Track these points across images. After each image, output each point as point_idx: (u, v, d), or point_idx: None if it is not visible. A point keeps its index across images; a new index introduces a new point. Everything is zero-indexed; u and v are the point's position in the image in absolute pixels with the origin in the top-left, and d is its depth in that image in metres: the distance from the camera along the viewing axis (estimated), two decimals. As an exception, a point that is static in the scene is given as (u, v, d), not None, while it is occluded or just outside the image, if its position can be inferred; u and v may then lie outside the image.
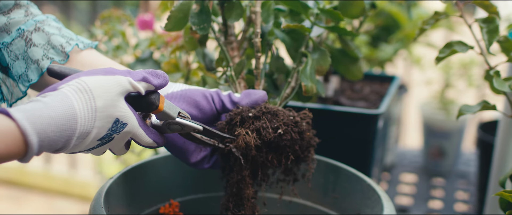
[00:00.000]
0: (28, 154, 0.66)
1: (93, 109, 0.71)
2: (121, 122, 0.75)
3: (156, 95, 0.79)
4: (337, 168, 0.96)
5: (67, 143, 0.70)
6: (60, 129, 0.68)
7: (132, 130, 0.77)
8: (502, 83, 0.94)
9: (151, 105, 0.79)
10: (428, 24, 1.02)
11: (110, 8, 1.38)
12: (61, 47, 0.89)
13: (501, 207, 0.86)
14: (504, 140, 1.17)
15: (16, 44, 0.89)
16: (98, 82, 0.73)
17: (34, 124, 0.66)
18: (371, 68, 1.74)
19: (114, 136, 0.76)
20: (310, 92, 0.94)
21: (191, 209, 1.00)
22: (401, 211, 1.54)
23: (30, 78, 0.88)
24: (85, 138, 0.72)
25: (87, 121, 0.71)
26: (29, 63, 0.88)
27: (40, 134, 0.66)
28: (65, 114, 0.68)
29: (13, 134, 0.65)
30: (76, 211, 2.83)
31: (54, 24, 0.92)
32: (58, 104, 0.68)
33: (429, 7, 1.86)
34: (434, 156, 1.78)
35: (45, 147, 0.68)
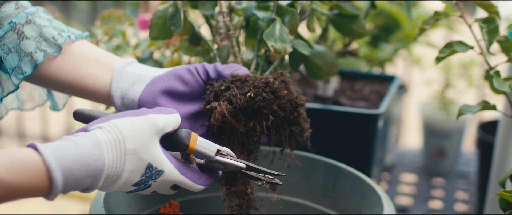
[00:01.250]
0: (53, 190, 0.65)
1: (122, 151, 0.69)
2: (155, 169, 0.72)
3: (187, 133, 0.75)
4: (337, 168, 0.96)
5: (94, 184, 0.68)
6: (86, 168, 0.66)
7: (172, 178, 0.74)
8: (502, 83, 0.94)
9: (180, 144, 0.75)
10: (428, 24, 1.02)
11: (110, 8, 1.38)
12: (53, 39, 0.89)
13: (501, 207, 0.86)
14: (504, 140, 1.17)
15: (8, 37, 0.89)
16: (129, 124, 0.71)
17: (59, 160, 0.65)
18: (371, 68, 1.74)
19: (150, 183, 0.73)
20: (282, 53, 0.90)
21: (191, 209, 1.00)
22: (401, 211, 1.54)
23: (24, 71, 0.88)
24: (116, 181, 0.70)
25: (115, 163, 0.69)
26: (22, 56, 0.88)
27: (65, 171, 0.65)
28: (92, 154, 0.67)
29: (38, 167, 0.64)
30: (76, 211, 2.83)
31: (45, 16, 0.92)
32: (86, 144, 0.67)
33: (429, 7, 1.86)
34: (434, 156, 1.78)
35: (71, 185, 0.66)
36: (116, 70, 0.89)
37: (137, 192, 0.74)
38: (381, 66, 1.75)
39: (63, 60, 0.90)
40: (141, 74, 0.88)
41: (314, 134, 1.17)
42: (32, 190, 0.64)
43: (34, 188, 0.64)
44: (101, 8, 3.29)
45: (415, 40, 1.22)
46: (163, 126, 0.73)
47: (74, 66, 0.90)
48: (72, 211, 2.83)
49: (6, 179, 0.62)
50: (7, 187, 0.62)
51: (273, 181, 0.78)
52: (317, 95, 1.32)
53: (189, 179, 0.76)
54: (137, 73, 0.89)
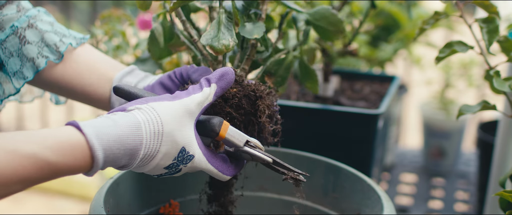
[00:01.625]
0: (93, 168, 0.68)
1: (160, 133, 0.72)
2: (187, 153, 0.75)
3: (219, 121, 0.77)
4: (337, 168, 0.96)
5: (130, 162, 0.71)
6: (125, 147, 0.69)
7: (200, 166, 0.77)
8: (502, 83, 0.94)
9: (211, 132, 0.77)
10: (428, 24, 1.02)
11: (110, 8, 1.38)
12: (55, 46, 0.90)
13: (501, 207, 0.86)
14: (504, 140, 1.17)
15: (10, 41, 0.89)
16: (165, 107, 0.73)
17: (102, 140, 0.67)
18: (371, 68, 1.74)
19: (181, 167, 0.76)
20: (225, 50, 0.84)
21: (191, 209, 1.00)
22: (401, 211, 1.54)
23: (26, 76, 0.89)
24: (150, 162, 0.73)
25: (152, 144, 0.71)
26: (24, 60, 0.89)
27: (105, 150, 0.68)
28: (131, 134, 0.70)
29: (82, 147, 0.67)
30: (76, 211, 2.83)
31: (46, 19, 0.92)
32: (125, 124, 0.70)
33: (429, 7, 1.86)
34: (434, 156, 1.78)
35: (109, 162, 0.69)
36: (114, 82, 0.92)
37: (166, 175, 0.77)
38: (381, 66, 1.75)
39: (64, 68, 0.92)
40: (137, 86, 0.91)
41: (314, 134, 1.18)
42: (76, 168, 0.67)
43: (78, 167, 0.67)
44: (101, 8, 3.29)
45: (415, 40, 1.22)
46: (197, 108, 0.75)
47: (75, 75, 0.92)
48: (72, 211, 2.84)
49: (54, 160, 0.65)
50: (55, 168, 0.65)
51: (298, 177, 0.80)
52: (317, 95, 1.32)
53: (216, 168, 0.78)
54: (134, 83, 0.91)
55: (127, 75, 0.92)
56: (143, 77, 0.93)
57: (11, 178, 0.62)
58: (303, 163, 0.99)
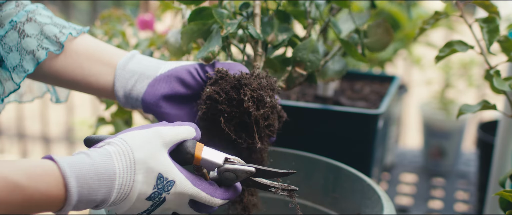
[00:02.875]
0: (67, 200, 0.65)
1: (132, 161, 0.70)
2: (166, 179, 0.72)
3: (192, 143, 0.75)
4: (337, 168, 0.96)
5: (107, 195, 0.68)
6: (99, 177, 0.67)
7: (185, 190, 0.73)
8: (502, 82, 0.94)
9: (186, 154, 0.74)
10: (428, 23, 1.02)
11: (110, 8, 1.38)
12: (55, 37, 0.89)
13: (501, 207, 0.86)
14: (504, 140, 1.17)
15: (9, 36, 0.89)
16: (136, 135, 0.72)
17: (74, 168, 0.65)
18: (371, 68, 1.74)
19: (164, 195, 0.72)
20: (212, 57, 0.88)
21: (191, 209, 1.00)
22: (401, 211, 1.54)
23: (26, 69, 0.88)
24: (129, 194, 0.70)
25: (125, 172, 0.69)
26: (23, 54, 0.88)
27: (79, 178, 0.65)
28: (104, 164, 0.68)
29: (54, 174, 0.64)
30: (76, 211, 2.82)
31: (45, 13, 0.92)
32: (97, 155, 0.68)
33: (429, 6, 1.86)
34: (434, 156, 1.78)
35: (84, 195, 0.66)
36: (118, 69, 0.90)
37: (153, 210, 0.73)
38: (381, 66, 1.75)
39: (65, 59, 0.91)
40: (143, 73, 0.89)
41: (314, 134, 1.18)
42: (48, 198, 0.64)
43: (50, 196, 0.64)
44: (101, 8, 3.29)
45: (415, 40, 1.21)
46: (171, 137, 0.74)
47: (76, 65, 0.91)
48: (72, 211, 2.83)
49: (24, 184, 0.62)
50: (25, 193, 0.62)
51: (289, 187, 0.78)
52: (317, 95, 1.32)
53: (203, 190, 0.75)
54: (138, 71, 0.89)
55: (129, 62, 0.91)
56: (146, 64, 0.90)
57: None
58: (303, 163, 0.99)
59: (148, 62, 0.91)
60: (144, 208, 0.73)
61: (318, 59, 0.97)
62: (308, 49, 0.97)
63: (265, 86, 0.83)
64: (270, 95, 0.83)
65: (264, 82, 0.83)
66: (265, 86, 0.83)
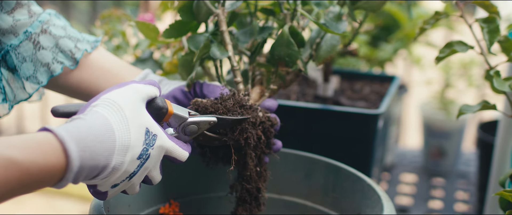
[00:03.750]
0: (68, 167, 0.61)
1: (125, 119, 0.69)
2: (152, 133, 0.72)
3: (161, 99, 0.77)
4: (337, 168, 0.96)
5: (109, 158, 0.66)
6: (100, 139, 0.65)
7: (164, 144, 0.74)
8: (502, 83, 0.94)
9: (160, 109, 0.76)
10: (428, 23, 1.02)
11: (110, 8, 1.38)
12: (70, 52, 0.92)
13: (501, 207, 0.86)
14: (504, 140, 1.17)
15: (24, 46, 0.91)
16: (119, 94, 0.71)
17: (72, 133, 0.63)
18: (371, 68, 1.74)
19: (149, 151, 0.72)
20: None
21: (191, 209, 1.00)
22: (401, 211, 1.54)
23: (40, 81, 0.91)
24: (126, 154, 0.68)
25: (123, 131, 0.68)
26: (38, 65, 0.91)
27: (79, 143, 0.62)
28: (102, 125, 0.66)
29: (51, 143, 0.61)
30: (76, 211, 2.83)
31: (58, 23, 0.94)
32: (92, 118, 0.66)
33: (429, 6, 1.86)
34: (434, 156, 1.78)
35: (86, 159, 0.63)
36: None
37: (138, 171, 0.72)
38: (381, 66, 1.75)
39: (80, 74, 0.94)
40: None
41: (314, 134, 1.18)
42: (47, 169, 0.60)
43: (49, 166, 0.60)
44: (101, 8, 3.29)
45: (415, 40, 1.21)
46: (146, 93, 0.74)
47: (91, 81, 0.94)
48: (72, 211, 2.83)
49: (19, 158, 0.58)
50: (21, 168, 0.58)
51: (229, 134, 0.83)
52: (317, 95, 1.32)
53: (177, 144, 0.76)
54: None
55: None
56: (158, 82, 0.94)
57: None
58: (303, 163, 0.99)
59: (158, 82, 0.94)
60: (132, 170, 0.71)
61: (295, 51, 0.91)
62: (282, 45, 0.91)
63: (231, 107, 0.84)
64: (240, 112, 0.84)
65: (230, 103, 0.84)
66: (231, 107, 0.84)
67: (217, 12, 0.91)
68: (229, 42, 0.91)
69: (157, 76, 0.97)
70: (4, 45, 0.90)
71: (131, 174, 0.71)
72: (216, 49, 0.90)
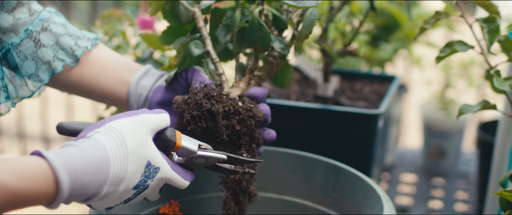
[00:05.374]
0: (58, 196, 0.63)
1: (125, 151, 0.69)
2: (153, 166, 0.73)
3: (171, 131, 0.77)
4: (337, 168, 0.96)
5: (99, 188, 0.67)
6: (93, 171, 0.66)
7: (166, 175, 0.74)
8: (502, 82, 0.94)
9: (169, 142, 0.76)
10: (428, 23, 1.02)
11: (110, 8, 1.38)
12: (71, 50, 0.92)
13: (501, 207, 0.86)
14: (504, 140, 1.16)
15: (24, 45, 0.91)
16: (125, 124, 0.71)
17: (66, 164, 0.63)
18: (371, 68, 1.74)
19: (148, 182, 0.73)
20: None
21: (191, 209, 1.00)
22: (401, 211, 1.54)
23: (42, 79, 0.91)
24: (119, 185, 0.69)
25: (119, 164, 0.68)
26: (39, 63, 0.91)
27: (71, 175, 0.63)
28: (98, 157, 0.66)
29: (44, 171, 0.62)
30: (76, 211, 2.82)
31: (59, 21, 0.94)
32: (90, 147, 0.67)
33: (429, 6, 1.86)
34: (434, 156, 1.78)
35: (77, 190, 0.65)
36: (131, 85, 0.94)
37: (133, 198, 0.73)
38: (381, 66, 1.75)
39: (81, 71, 0.94)
40: (151, 89, 0.94)
41: (314, 134, 1.18)
42: (37, 195, 0.62)
43: (40, 193, 0.62)
44: (101, 8, 3.29)
45: (415, 40, 1.21)
46: (156, 124, 0.75)
47: (92, 78, 0.94)
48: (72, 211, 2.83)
49: (11, 184, 0.60)
50: (12, 193, 0.60)
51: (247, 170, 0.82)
52: (317, 95, 1.32)
53: (179, 174, 0.77)
54: (148, 86, 0.94)
55: (143, 77, 0.94)
56: (159, 77, 0.95)
57: None
58: (303, 163, 0.99)
59: (159, 77, 0.95)
60: (126, 198, 0.72)
61: (267, 33, 0.90)
62: (254, 29, 0.91)
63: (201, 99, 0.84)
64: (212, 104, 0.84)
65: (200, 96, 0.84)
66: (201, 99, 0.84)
67: (193, 10, 0.92)
68: (207, 36, 0.92)
69: (158, 71, 0.97)
70: (5, 44, 0.91)
71: (125, 200, 0.73)
72: (193, 47, 0.92)
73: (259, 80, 0.93)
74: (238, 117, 0.85)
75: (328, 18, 1.24)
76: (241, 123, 0.85)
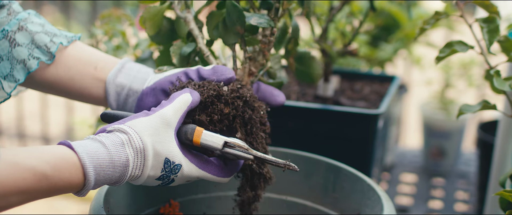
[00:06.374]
0: (85, 186, 0.71)
1: (141, 148, 0.74)
2: (173, 163, 0.76)
3: (191, 128, 0.78)
4: (337, 168, 0.96)
5: (121, 178, 0.74)
6: (114, 165, 0.72)
7: (192, 173, 0.79)
8: (502, 82, 0.94)
9: (185, 140, 0.78)
10: (428, 23, 1.02)
11: (110, 8, 1.38)
12: (45, 47, 0.89)
13: (501, 207, 0.86)
14: (504, 140, 1.17)
15: (0, 45, 0.89)
16: (142, 123, 0.75)
17: (92, 158, 0.70)
18: (371, 68, 1.74)
19: (172, 177, 0.78)
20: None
21: (191, 209, 1.00)
22: (401, 211, 1.54)
23: (17, 78, 0.89)
24: (140, 177, 0.76)
25: (137, 159, 0.74)
26: (14, 63, 0.88)
27: (96, 168, 0.71)
28: (118, 153, 0.73)
29: (76, 165, 0.70)
30: (76, 211, 2.83)
31: (37, 21, 0.92)
32: (111, 144, 0.73)
33: (429, 6, 1.86)
34: (434, 156, 1.78)
35: (101, 180, 0.72)
36: (108, 83, 0.91)
37: (164, 185, 0.78)
38: (381, 66, 1.75)
39: (57, 70, 0.91)
40: (131, 87, 0.91)
41: (314, 134, 1.18)
42: (70, 185, 0.69)
43: (72, 184, 0.69)
44: (101, 8, 3.29)
45: (415, 40, 1.21)
46: (174, 118, 0.77)
47: (68, 77, 0.92)
48: (72, 211, 2.83)
49: (51, 174, 0.67)
50: (51, 182, 0.67)
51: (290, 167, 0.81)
52: (317, 95, 1.32)
53: (209, 173, 0.79)
54: (127, 85, 0.91)
55: (118, 74, 0.91)
56: (135, 75, 0.91)
57: (10, 189, 0.65)
58: (303, 163, 0.99)
59: (136, 73, 0.91)
60: (154, 184, 0.78)
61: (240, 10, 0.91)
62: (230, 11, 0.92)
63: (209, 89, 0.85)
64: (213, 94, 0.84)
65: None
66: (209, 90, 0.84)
67: (184, 15, 0.97)
68: (198, 34, 0.95)
69: (134, 64, 0.93)
70: None
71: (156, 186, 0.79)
72: (186, 47, 0.96)
73: (258, 64, 0.93)
74: (223, 99, 0.84)
75: (328, 18, 1.24)
76: (229, 105, 0.84)
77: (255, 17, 0.91)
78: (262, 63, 0.94)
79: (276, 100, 0.92)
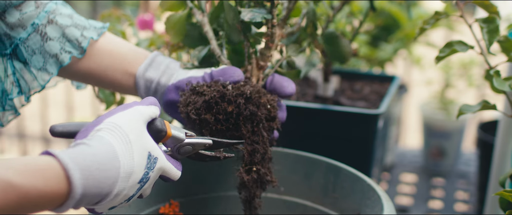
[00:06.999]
0: (70, 194, 0.60)
1: (129, 144, 0.69)
2: (153, 156, 0.72)
3: (161, 121, 0.77)
4: (337, 168, 0.96)
5: (113, 186, 0.66)
6: (105, 167, 0.64)
7: (163, 165, 0.75)
8: (502, 82, 0.94)
9: (160, 132, 0.77)
10: (428, 23, 1.02)
11: (110, 8, 1.38)
12: (77, 41, 0.92)
13: (501, 207, 0.86)
14: (504, 140, 1.16)
15: (32, 39, 0.91)
16: (123, 118, 0.71)
17: (76, 160, 0.61)
18: (371, 68, 1.74)
19: (150, 174, 0.72)
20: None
21: (191, 209, 1.00)
22: (401, 211, 1.54)
23: (50, 72, 0.92)
24: (128, 180, 0.68)
25: (127, 158, 0.68)
26: (47, 57, 0.92)
27: (83, 171, 0.61)
28: (107, 152, 0.66)
29: (53, 168, 0.60)
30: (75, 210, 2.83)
31: (65, 12, 0.94)
32: (97, 144, 0.66)
33: (429, 6, 1.86)
34: (434, 156, 1.78)
35: (90, 187, 0.62)
36: (138, 78, 0.94)
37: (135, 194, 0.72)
38: (381, 66, 1.75)
39: (88, 62, 0.94)
40: (159, 82, 0.94)
41: (314, 134, 1.18)
42: (47, 195, 0.59)
43: (49, 192, 0.59)
44: (101, 8, 3.29)
45: (415, 40, 1.21)
46: (149, 115, 0.75)
47: (100, 70, 0.95)
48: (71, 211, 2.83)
49: (18, 182, 0.57)
50: (20, 192, 0.57)
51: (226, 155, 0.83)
52: (317, 95, 1.32)
53: (172, 164, 0.77)
54: (155, 80, 0.94)
55: (148, 68, 0.94)
56: (163, 70, 0.94)
57: None
58: (303, 163, 0.99)
59: (165, 68, 0.94)
60: (131, 194, 0.70)
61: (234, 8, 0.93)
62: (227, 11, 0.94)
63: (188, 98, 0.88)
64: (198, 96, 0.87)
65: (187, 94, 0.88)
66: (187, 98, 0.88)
67: (200, 18, 0.98)
68: (212, 37, 0.97)
69: (163, 58, 0.96)
70: (14, 39, 0.91)
71: (130, 198, 0.71)
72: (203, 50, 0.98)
73: (265, 57, 0.94)
74: (227, 98, 0.85)
75: (328, 18, 1.24)
76: (232, 103, 0.85)
77: (249, 14, 0.92)
78: (268, 55, 0.94)
79: (284, 91, 0.92)
